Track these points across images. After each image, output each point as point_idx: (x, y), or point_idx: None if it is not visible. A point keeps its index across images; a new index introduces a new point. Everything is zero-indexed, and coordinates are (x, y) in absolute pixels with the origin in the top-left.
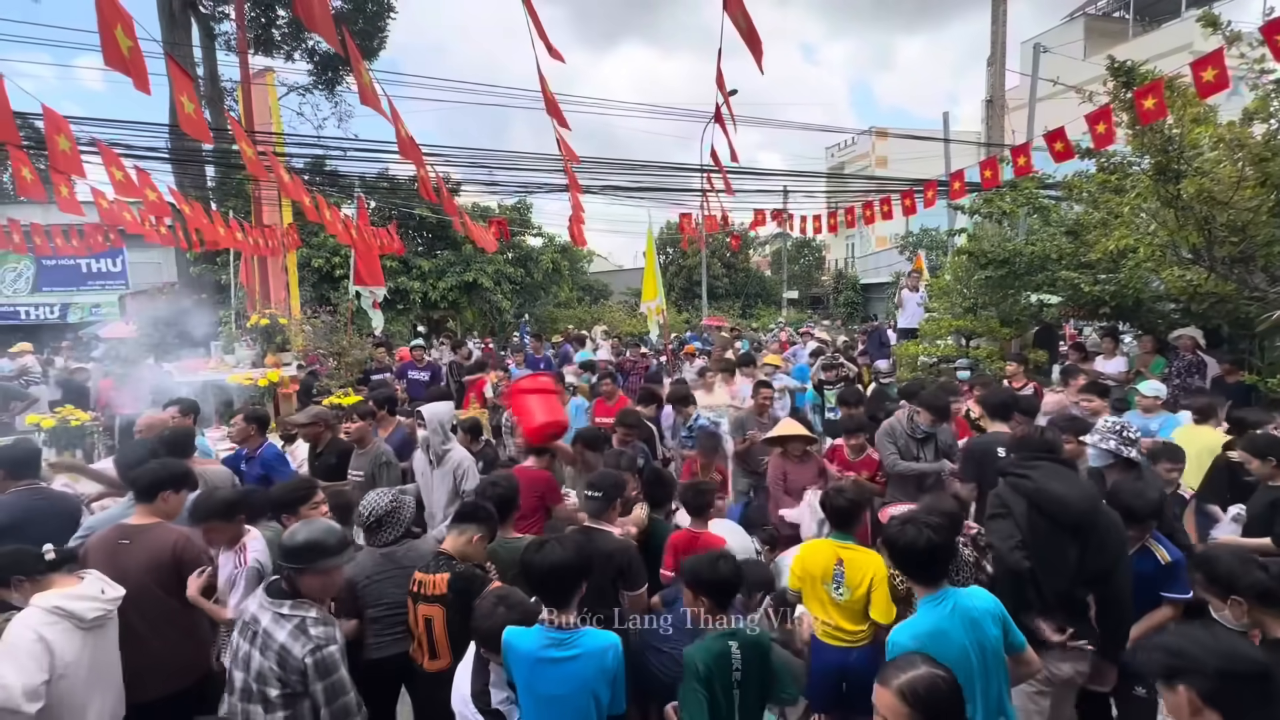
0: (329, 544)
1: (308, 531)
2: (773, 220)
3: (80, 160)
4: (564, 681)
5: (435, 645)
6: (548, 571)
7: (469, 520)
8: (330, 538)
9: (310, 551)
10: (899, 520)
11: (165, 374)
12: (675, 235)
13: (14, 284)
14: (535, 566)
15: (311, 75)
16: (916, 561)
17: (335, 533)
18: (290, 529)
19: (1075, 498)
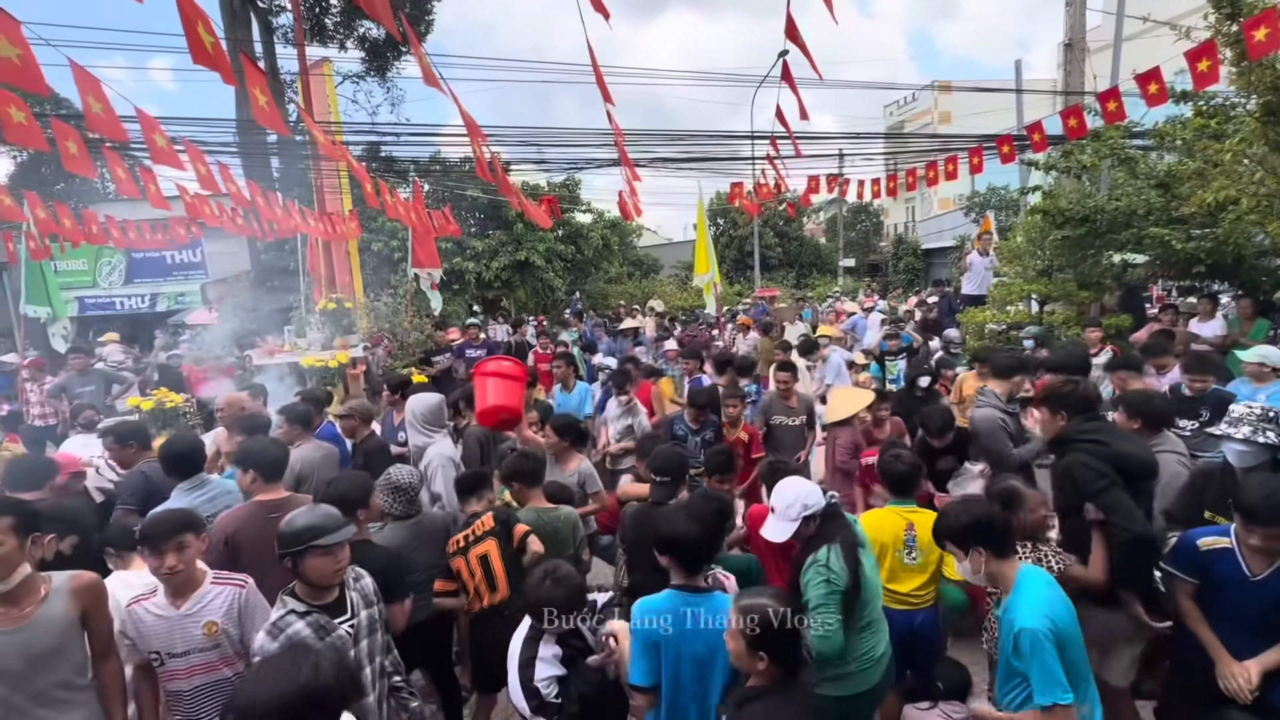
0: (327, 525)
1: (307, 517)
2: (828, 186)
3: (176, 156)
4: (708, 640)
5: (494, 578)
6: (691, 540)
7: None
8: (329, 520)
9: (309, 532)
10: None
11: (245, 357)
12: (726, 206)
13: (109, 276)
14: (676, 535)
15: (364, 63)
16: (999, 535)
17: (334, 516)
18: (288, 517)
19: (1150, 456)
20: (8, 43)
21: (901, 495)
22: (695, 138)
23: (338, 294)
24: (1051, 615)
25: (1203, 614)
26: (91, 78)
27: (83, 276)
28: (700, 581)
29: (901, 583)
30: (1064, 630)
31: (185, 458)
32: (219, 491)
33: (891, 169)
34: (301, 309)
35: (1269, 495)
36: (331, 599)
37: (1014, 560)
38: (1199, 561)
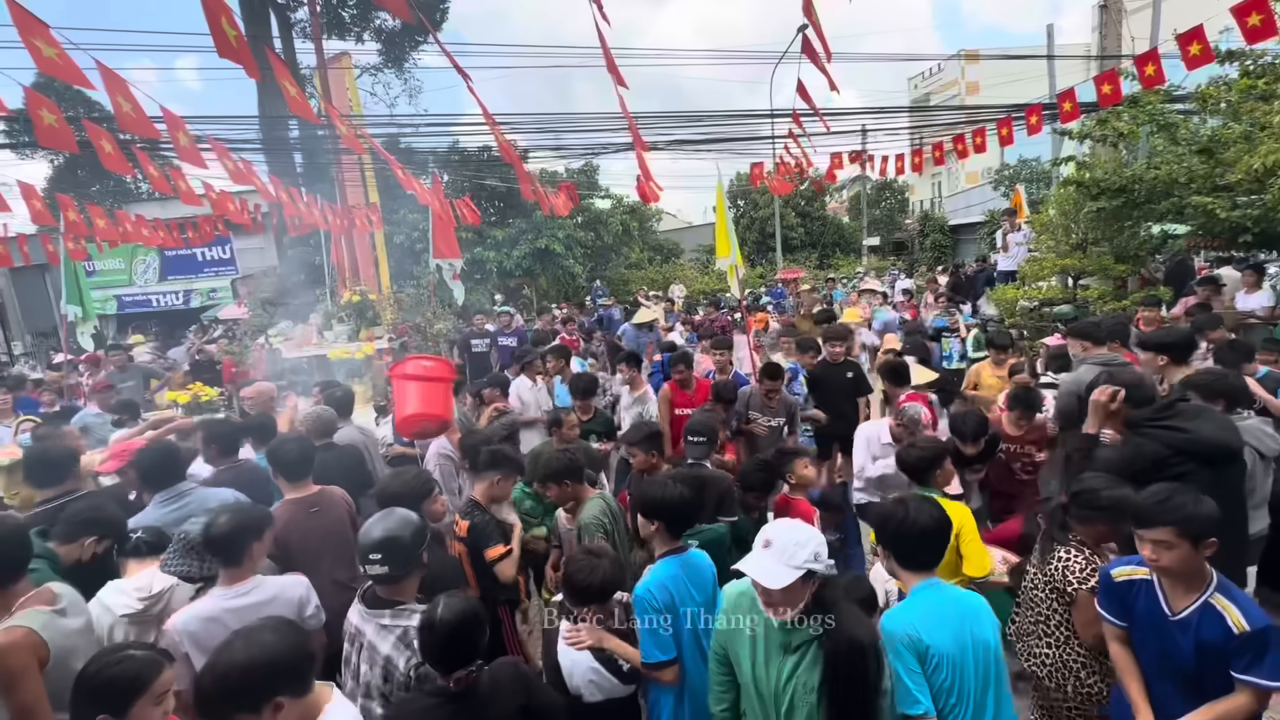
0: (412, 538)
1: (397, 526)
2: (851, 163)
3: (200, 154)
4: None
5: (466, 577)
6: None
7: (491, 468)
8: (407, 529)
9: (416, 547)
10: (893, 500)
11: (275, 350)
12: (746, 187)
13: (144, 275)
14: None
15: (381, 54)
16: (909, 544)
17: (414, 522)
18: (365, 527)
19: (1230, 437)
20: (45, 44)
21: (921, 484)
22: (713, 118)
23: (362, 286)
24: (919, 628)
25: (1134, 663)
26: (119, 78)
27: (120, 275)
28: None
29: None
30: (937, 648)
31: (160, 467)
32: (196, 505)
33: (917, 143)
34: (327, 301)
35: (1154, 493)
36: None
37: (919, 574)
38: (1119, 596)
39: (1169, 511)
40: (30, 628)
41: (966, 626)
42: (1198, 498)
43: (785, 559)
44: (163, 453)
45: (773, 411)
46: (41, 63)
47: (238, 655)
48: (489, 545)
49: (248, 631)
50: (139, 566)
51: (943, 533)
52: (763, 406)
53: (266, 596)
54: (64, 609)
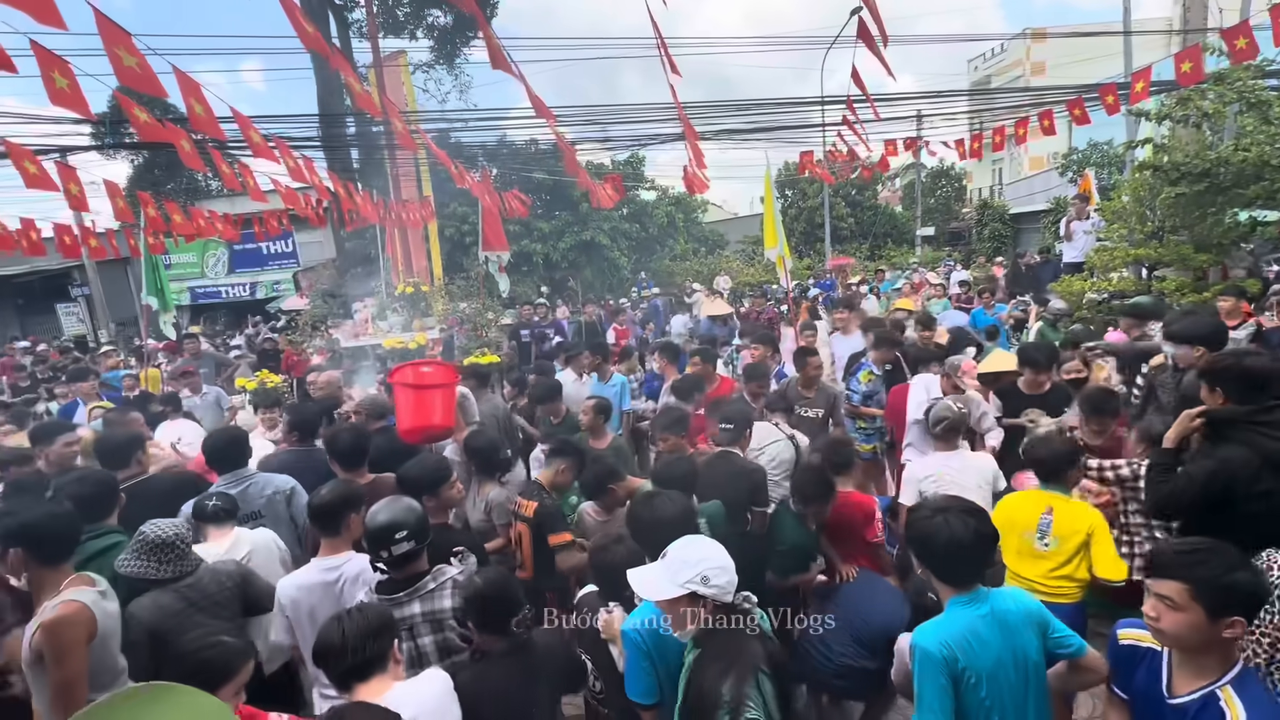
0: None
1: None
2: (906, 149)
3: (271, 151)
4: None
5: (523, 558)
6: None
7: (557, 455)
8: (411, 515)
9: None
10: (930, 509)
11: (334, 340)
12: (794, 177)
13: (214, 268)
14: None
15: (433, 51)
16: (949, 557)
17: (416, 510)
18: (371, 514)
19: None
20: (126, 53)
21: (1049, 481)
22: (762, 107)
23: (415, 278)
24: (955, 647)
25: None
26: (192, 81)
27: (193, 268)
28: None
29: (1027, 567)
30: (975, 668)
31: (226, 452)
32: (255, 489)
33: (976, 128)
34: (382, 293)
35: (1186, 542)
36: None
37: (958, 589)
38: (1123, 662)
39: (1188, 565)
40: (85, 603)
41: (1008, 641)
42: (1243, 565)
43: (671, 573)
44: (229, 438)
45: (810, 403)
46: (122, 72)
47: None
48: (555, 530)
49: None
50: (218, 532)
51: (983, 546)
52: (801, 398)
53: (354, 573)
54: (104, 592)
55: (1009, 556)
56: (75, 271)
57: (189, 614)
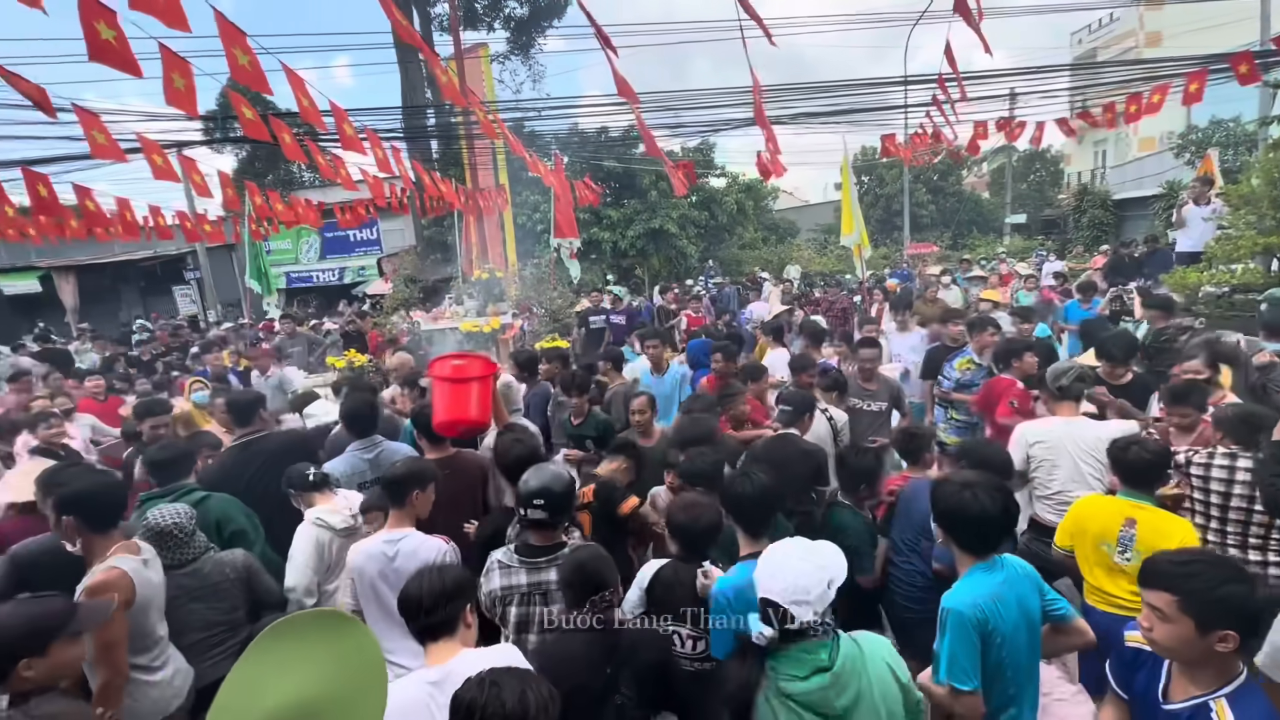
0: (564, 490)
1: (551, 479)
2: (998, 131)
3: (361, 143)
4: None
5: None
6: (753, 499)
7: (618, 453)
8: (559, 482)
9: (568, 498)
10: (958, 483)
11: (415, 323)
12: (871, 162)
13: (307, 254)
14: (739, 495)
15: (510, 42)
16: (976, 529)
17: (565, 477)
18: (523, 479)
19: None
20: (241, 51)
21: (1135, 487)
22: (841, 89)
23: (490, 264)
24: (986, 610)
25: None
26: (298, 77)
27: (288, 254)
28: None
29: (1108, 582)
30: (1001, 629)
31: (361, 417)
32: (386, 456)
33: (1079, 106)
34: (459, 278)
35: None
36: None
37: (979, 557)
38: (1126, 664)
39: (1179, 577)
40: (126, 570)
41: (1020, 603)
42: (1238, 578)
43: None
44: (365, 406)
45: (872, 395)
46: (236, 70)
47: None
48: (622, 500)
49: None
50: (322, 498)
51: (1010, 519)
52: (860, 390)
53: (411, 548)
54: (147, 561)
55: (1085, 567)
56: (189, 256)
57: (183, 601)
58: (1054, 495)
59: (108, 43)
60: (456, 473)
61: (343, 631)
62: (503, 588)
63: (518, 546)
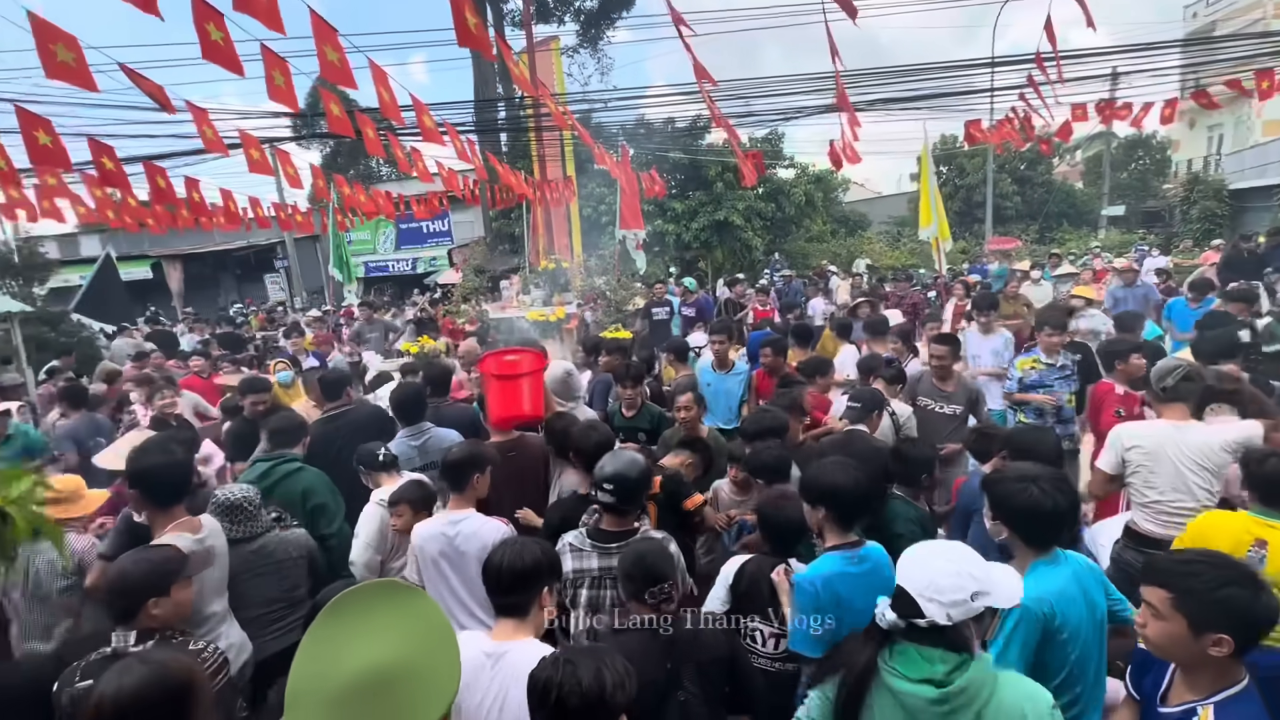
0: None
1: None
2: (1097, 113)
3: (440, 135)
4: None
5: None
6: (850, 490)
7: (687, 447)
8: (634, 469)
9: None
10: (1018, 477)
11: (483, 311)
12: (951, 151)
13: (384, 244)
14: (834, 485)
15: (579, 35)
16: (1040, 523)
17: (640, 464)
18: (599, 464)
19: None
20: (331, 49)
21: (1271, 505)
22: (921, 72)
23: (556, 255)
24: (1055, 606)
25: None
26: (382, 71)
27: (366, 245)
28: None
29: None
30: (1071, 625)
31: (410, 405)
32: (433, 443)
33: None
34: (525, 269)
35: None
36: None
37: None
38: (1140, 664)
39: (1178, 575)
40: (176, 547)
41: (1086, 598)
42: (1242, 582)
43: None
44: (413, 395)
45: (946, 398)
46: (326, 67)
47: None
48: (688, 495)
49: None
50: (389, 479)
51: (1074, 514)
52: (934, 391)
53: (470, 531)
54: (203, 538)
55: None
56: (279, 246)
57: (246, 575)
58: (1153, 504)
59: (216, 43)
60: (521, 455)
61: (407, 601)
62: (574, 571)
63: (590, 530)
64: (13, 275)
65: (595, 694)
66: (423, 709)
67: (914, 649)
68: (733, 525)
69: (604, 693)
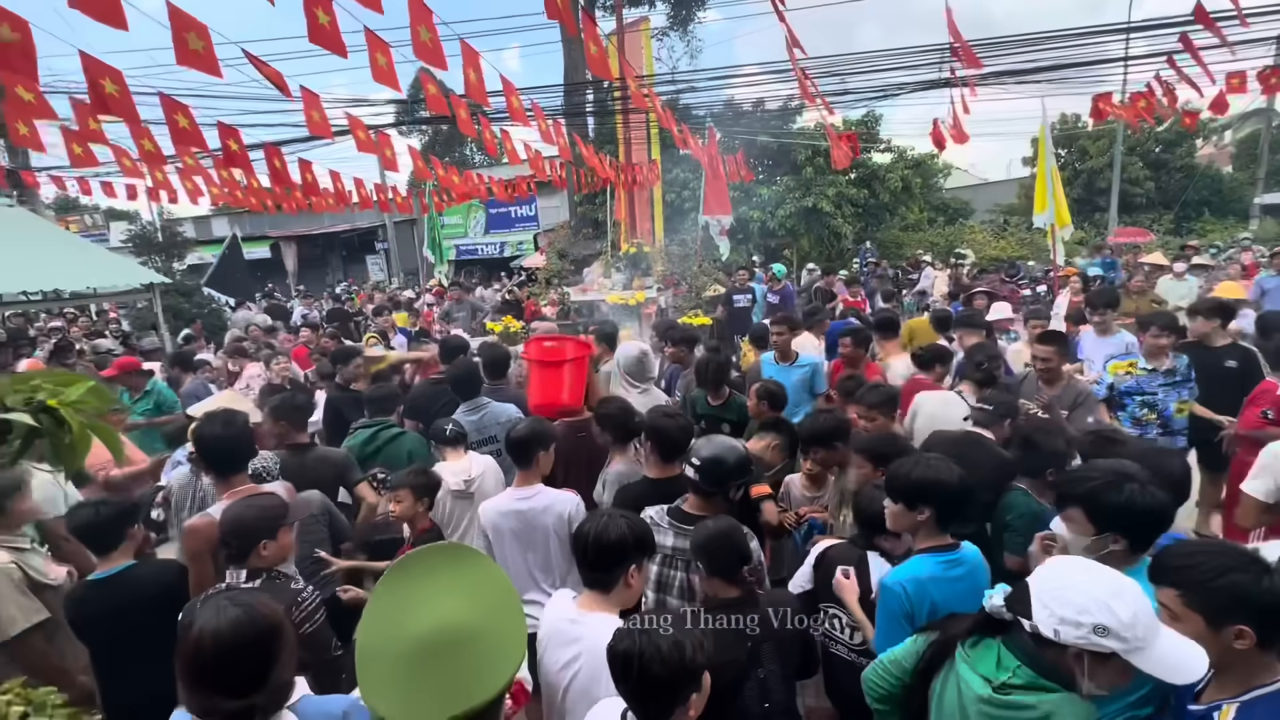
0: (735, 463)
1: (722, 450)
2: (1259, 85)
3: (526, 116)
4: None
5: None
6: (954, 488)
7: (770, 429)
8: (731, 455)
9: (733, 474)
10: (1116, 475)
11: (565, 294)
12: (1071, 131)
13: (474, 228)
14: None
15: (669, 18)
16: (1150, 524)
17: (737, 450)
18: (695, 445)
19: None
20: (425, 29)
21: None
22: (1043, 42)
23: (638, 239)
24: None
25: None
26: (472, 51)
27: (458, 229)
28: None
29: None
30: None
31: (467, 380)
32: (489, 417)
33: None
34: (607, 253)
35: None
36: None
37: (1140, 556)
38: None
39: (1180, 569)
40: (279, 496)
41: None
42: (1244, 566)
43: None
44: (468, 371)
45: (1055, 400)
46: (418, 46)
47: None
48: (756, 481)
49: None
50: (454, 455)
51: (1173, 514)
52: (1038, 394)
53: (543, 505)
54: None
55: None
56: (379, 230)
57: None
58: None
59: (323, 27)
60: (591, 437)
61: (471, 564)
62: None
63: (671, 509)
64: (156, 252)
65: (676, 660)
66: (490, 672)
67: (1001, 646)
68: (803, 524)
69: (684, 657)
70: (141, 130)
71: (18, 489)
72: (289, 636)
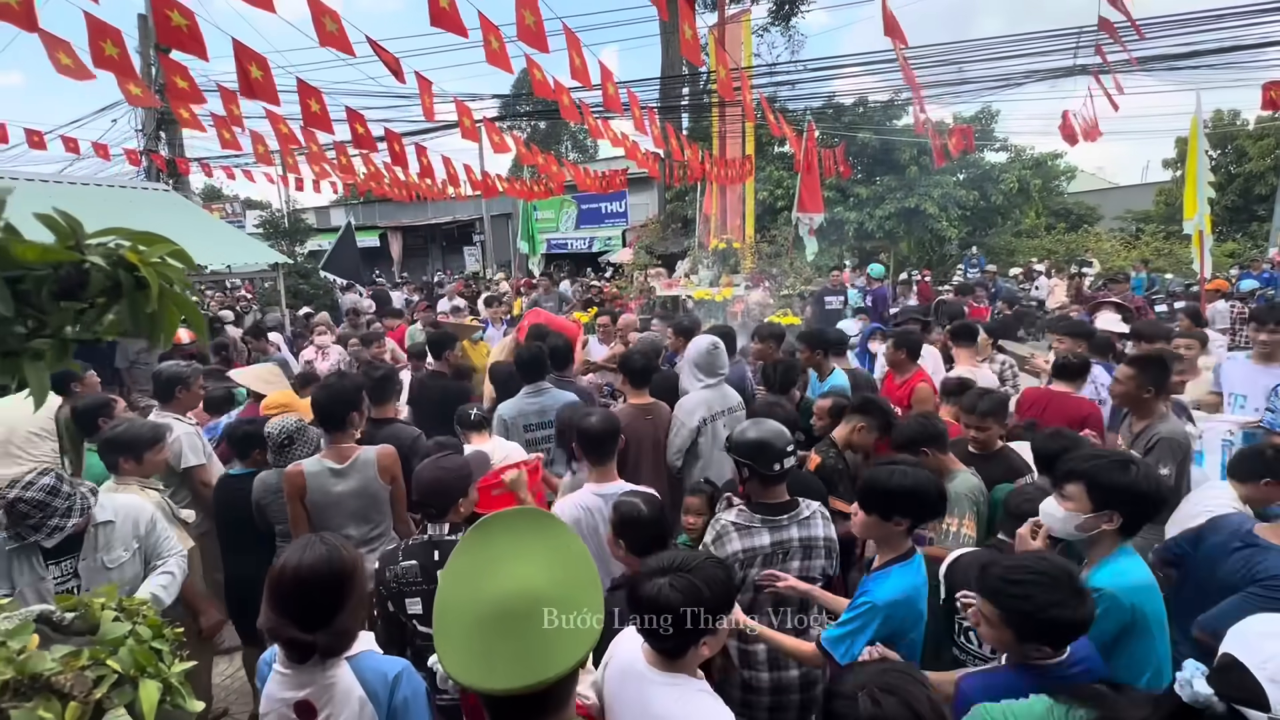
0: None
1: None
2: None
3: (620, 103)
4: None
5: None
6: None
7: (858, 413)
8: (780, 440)
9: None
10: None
11: (649, 288)
12: (1226, 129)
13: (566, 223)
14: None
15: (771, 13)
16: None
17: (784, 434)
18: (739, 429)
19: None
20: (530, 13)
21: None
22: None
23: (728, 235)
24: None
25: None
26: (574, 36)
27: (550, 223)
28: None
29: None
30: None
31: (531, 363)
32: (550, 401)
33: None
34: (695, 249)
35: None
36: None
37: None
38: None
39: (996, 586)
40: (303, 469)
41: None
42: (1061, 597)
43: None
44: (534, 355)
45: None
46: (523, 30)
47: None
48: (836, 496)
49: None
50: (479, 438)
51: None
52: (1127, 429)
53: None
54: (335, 469)
55: None
56: (477, 222)
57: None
58: None
59: (444, 10)
60: (656, 418)
61: (549, 527)
62: (744, 550)
63: (753, 506)
64: (282, 236)
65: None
66: (566, 645)
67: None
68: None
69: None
70: (277, 116)
71: (158, 440)
72: (361, 588)
